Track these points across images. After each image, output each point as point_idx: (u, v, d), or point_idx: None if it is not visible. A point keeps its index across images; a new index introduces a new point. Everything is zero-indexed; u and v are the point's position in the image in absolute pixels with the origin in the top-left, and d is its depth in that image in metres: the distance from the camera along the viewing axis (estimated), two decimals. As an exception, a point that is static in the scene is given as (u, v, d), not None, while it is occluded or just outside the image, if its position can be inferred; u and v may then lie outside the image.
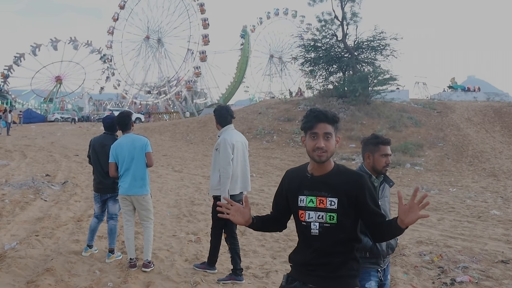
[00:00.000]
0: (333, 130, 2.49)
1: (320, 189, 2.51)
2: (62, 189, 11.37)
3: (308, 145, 2.50)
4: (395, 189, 3.57)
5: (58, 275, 5.41)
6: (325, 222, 2.48)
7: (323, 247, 2.50)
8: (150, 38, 74.47)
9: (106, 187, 6.21)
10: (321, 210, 2.49)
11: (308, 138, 2.51)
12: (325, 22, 33.36)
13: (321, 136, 2.45)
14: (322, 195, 2.49)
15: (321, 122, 2.46)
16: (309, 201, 2.51)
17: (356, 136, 24.73)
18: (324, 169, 2.54)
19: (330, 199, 2.48)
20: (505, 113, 28.82)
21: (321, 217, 2.48)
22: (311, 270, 2.54)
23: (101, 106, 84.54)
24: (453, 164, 19.72)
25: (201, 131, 30.26)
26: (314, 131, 2.47)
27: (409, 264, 6.45)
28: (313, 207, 2.50)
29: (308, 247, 2.55)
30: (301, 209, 2.54)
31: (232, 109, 6.16)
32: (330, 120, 2.48)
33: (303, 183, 2.56)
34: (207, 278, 5.62)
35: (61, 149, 22.03)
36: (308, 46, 34.21)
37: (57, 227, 7.82)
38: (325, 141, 2.46)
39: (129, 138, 5.85)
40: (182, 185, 13.14)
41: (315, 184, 2.52)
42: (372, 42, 32.42)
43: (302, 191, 2.54)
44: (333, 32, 33.37)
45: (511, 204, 11.66)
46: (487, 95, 43.61)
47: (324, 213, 2.48)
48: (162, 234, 7.77)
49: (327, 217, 2.48)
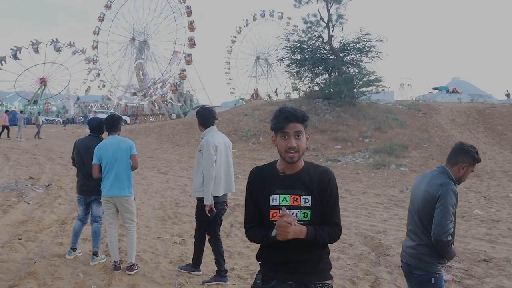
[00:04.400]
0: (303, 128, 2.51)
1: (293, 187, 2.52)
2: (46, 192, 11.26)
3: (280, 145, 2.51)
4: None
5: (41, 278, 5.36)
6: (299, 219, 2.49)
7: (299, 245, 2.49)
8: (135, 40, 74.08)
9: (90, 189, 6.16)
10: (295, 208, 2.50)
11: (279, 138, 2.51)
12: (311, 24, 33.50)
13: (292, 136, 2.47)
14: (296, 193, 2.51)
15: (291, 122, 2.47)
16: (283, 199, 2.51)
17: (341, 137, 24.85)
18: (296, 167, 2.56)
19: (304, 197, 2.51)
20: (488, 114, 29.15)
21: (295, 214, 2.48)
22: (290, 268, 2.56)
23: (86, 108, 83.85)
24: (438, 165, 19.84)
25: (187, 133, 30.16)
26: (285, 131, 2.47)
27: (393, 264, 6.48)
28: (287, 205, 2.50)
29: (283, 247, 2.52)
30: (273, 208, 2.52)
31: (218, 110, 6.15)
32: (300, 119, 2.49)
33: (275, 182, 2.55)
34: (191, 280, 5.61)
35: (45, 151, 21.84)
36: (294, 48, 34.30)
37: (40, 230, 7.75)
38: (297, 140, 2.47)
39: (115, 139, 5.82)
40: (167, 187, 13.09)
41: (288, 182, 2.53)
42: (358, 44, 32.60)
43: (274, 190, 2.53)
44: (319, 33, 33.52)
45: (493, 204, 11.79)
46: (471, 97, 44.11)
47: (298, 211, 2.50)
48: (147, 236, 7.74)
49: (301, 215, 2.51)
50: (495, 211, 10.77)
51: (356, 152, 22.78)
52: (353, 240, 7.92)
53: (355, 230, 8.58)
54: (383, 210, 10.71)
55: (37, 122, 31.72)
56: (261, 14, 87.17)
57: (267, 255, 2.64)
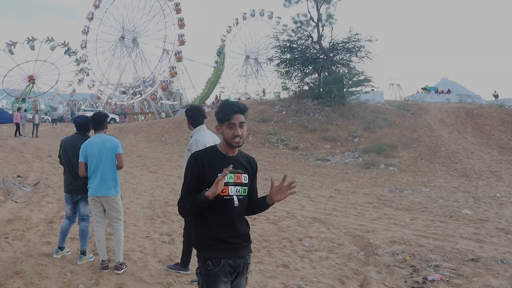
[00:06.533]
0: (244, 119, 2.93)
1: (236, 167, 2.94)
2: (33, 190, 11.16)
3: (227, 133, 2.89)
4: (269, 175, 3.88)
5: (28, 278, 5.30)
6: (240, 194, 2.95)
7: (241, 218, 2.99)
8: (125, 38, 73.73)
9: (76, 188, 6.11)
10: (238, 184, 2.95)
11: (225, 128, 2.90)
12: (301, 23, 33.59)
13: (237, 125, 2.88)
14: (238, 172, 2.96)
15: (236, 113, 2.88)
16: (229, 177, 2.89)
17: (331, 137, 24.93)
18: (235, 151, 3.01)
19: (243, 175, 2.98)
20: (476, 115, 29.40)
21: (238, 190, 2.94)
22: (236, 242, 2.95)
23: (75, 106, 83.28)
24: (426, 165, 20.00)
25: (176, 131, 30.08)
26: (232, 122, 2.87)
27: (382, 263, 6.50)
28: (233, 182, 2.92)
29: (229, 221, 2.92)
30: (224, 185, 2.84)
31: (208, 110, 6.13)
32: (243, 111, 2.92)
33: (223, 162, 2.90)
34: (180, 279, 5.58)
35: (33, 150, 21.64)
36: (283, 47, 34.39)
37: (28, 229, 7.67)
38: (241, 129, 2.90)
39: (100, 138, 5.76)
40: (156, 186, 13.03)
41: (232, 163, 2.92)
42: (347, 44, 32.78)
43: (221, 170, 2.80)
44: (309, 33, 33.63)
45: (481, 203, 11.87)
46: (460, 97, 44.40)
47: (240, 187, 2.95)
48: (136, 235, 7.69)
49: (242, 190, 2.96)
50: (483, 210, 10.85)
51: (345, 151, 22.87)
52: (342, 239, 7.93)
53: (344, 230, 8.59)
54: (372, 209, 10.74)
55: (33, 121, 31.45)
56: (251, 13, 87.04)
57: (213, 235, 2.92)
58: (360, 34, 32.33)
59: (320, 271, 6.19)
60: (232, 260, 2.92)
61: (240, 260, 2.97)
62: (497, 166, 19.28)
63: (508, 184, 15.67)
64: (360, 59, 32.80)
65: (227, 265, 2.90)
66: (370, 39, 31.99)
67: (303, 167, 19.21)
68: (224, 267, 2.88)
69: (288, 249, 7.30)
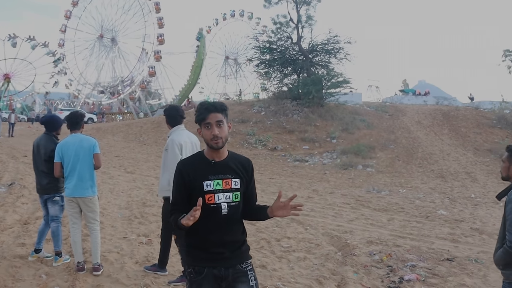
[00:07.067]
0: (223, 117, 2.77)
1: (224, 172, 2.81)
2: (8, 191, 10.97)
3: (205, 134, 2.75)
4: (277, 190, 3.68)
5: (1, 280, 5.21)
6: (231, 201, 2.79)
7: (231, 226, 2.83)
8: (104, 37, 73.02)
9: (42, 188, 6.03)
10: (228, 190, 2.79)
11: (203, 129, 2.77)
12: (281, 24, 33.67)
13: (214, 125, 2.72)
14: (227, 177, 2.80)
15: (211, 113, 2.73)
16: (216, 184, 2.77)
17: (309, 138, 25.03)
18: (223, 155, 2.84)
19: (234, 180, 2.82)
20: (452, 117, 29.82)
21: (228, 197, 2.78)
22: (221, 252, 2.80)
23: (52, 106, 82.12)
24: (404, 166, 20.21)
25: (155, 132, 29.90)
26: (207, 122, 2.73)
27: (359, 264, 6.55)
28: (221, 189, 2.77)
29: (215, 229, 2.78)
30: (208, 193, 2.75)
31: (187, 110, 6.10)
32: (219, 109, 2.76)
33: (208, 169, 2.79)
34: (157, 281, 5.54)
35: (8, 149, 21.27)
36: (263, 48, 34.44)
37: (1, 230, 7.53)
38: (218, 128, 2.73)
39: (77, 138, 5.68)
40: (134, 186, 12.92)
41: (219, 168, 2.80)
42: (327, 45, 32.97)
43: (206, 177, 2.77)
44: (288, 34, 33.74)
45: (457, 204, 12.06)
46: (436, 99, 44.96)
47: (231, 193, 2.79)
48: (113, 236, 7.61)
49: (233, 196, 2.80)
50: (458, 211, 11.02)
51: (323, 152, 22.98)
52: (319, 240, 7.97)
53: (322, 230, 8.63)
54: (350, 210, 10.81)
55: (9, 120, 31.12)
56: (231, 14, 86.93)
57: (199, 243, 2.83)
58: (339, 36, 32.61)
59: (298, 272, 6.21)
60: (217, 270, 2.78)
61: (228, 270, 2.80)
62: (472, 168, 19.58)
63: (483, 185, 15.94)
64: (339, 60, 33.06)
65: (211, 274, 2.78)
66: (349, 41, 32.28)
67: (282, 168, 19.25)
68: (207, 276, 2.77)
69: (266, 249, 7.30)
